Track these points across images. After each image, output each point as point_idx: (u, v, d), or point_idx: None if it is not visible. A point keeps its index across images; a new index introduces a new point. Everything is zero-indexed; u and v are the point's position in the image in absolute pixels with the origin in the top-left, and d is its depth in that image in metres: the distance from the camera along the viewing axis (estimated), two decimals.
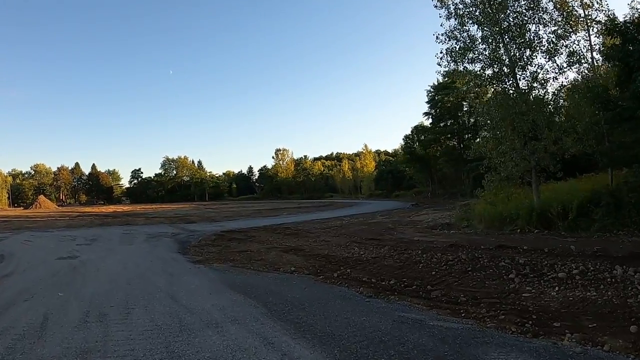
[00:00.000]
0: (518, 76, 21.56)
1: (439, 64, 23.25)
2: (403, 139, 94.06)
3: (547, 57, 20.86)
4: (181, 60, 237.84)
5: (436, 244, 16.07)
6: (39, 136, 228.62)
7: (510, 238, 16.64)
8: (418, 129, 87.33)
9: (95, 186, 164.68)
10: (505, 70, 21.68)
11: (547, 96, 21.53)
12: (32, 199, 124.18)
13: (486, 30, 21.76)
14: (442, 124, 78.16)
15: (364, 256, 14.83)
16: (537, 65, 21.13)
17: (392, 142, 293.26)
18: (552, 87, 21.55)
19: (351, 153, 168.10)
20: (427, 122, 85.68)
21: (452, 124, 77.17)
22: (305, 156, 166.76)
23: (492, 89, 23.61)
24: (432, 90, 78.64)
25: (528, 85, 21.43)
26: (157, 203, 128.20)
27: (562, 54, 20.82)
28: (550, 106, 21.59)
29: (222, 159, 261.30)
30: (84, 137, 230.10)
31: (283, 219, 39.69)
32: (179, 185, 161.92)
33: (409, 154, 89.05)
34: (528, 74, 21.38)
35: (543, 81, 21.20)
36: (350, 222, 32.14)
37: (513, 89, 21.82)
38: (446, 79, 74.39)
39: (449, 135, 78.87)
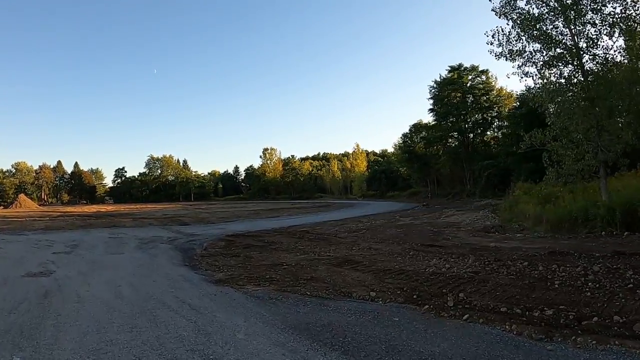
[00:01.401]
0: (587, 57, 19.07)
1: (490, 43, 20.36)
2: (401, 137, 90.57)
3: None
4: (166, 59, 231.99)
5: (525, 251, 13.19)
6: (21, 134, 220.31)
7: (609, 242, 14.46)
8: (417, 127, 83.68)
9: (78, 185, 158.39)
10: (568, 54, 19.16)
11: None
12: (12, 198, 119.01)
13: (550, 5, 19.12)
14: (447, 121, 74.39)
15: (454, 271, 10.90)
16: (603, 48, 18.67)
17: (380, 142, 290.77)
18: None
19: (338, 153, 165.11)
20: (427, 120, 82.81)
21: (458, 120, 73.30)
22: (292, 156, 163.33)
23: (554, 73, 20.05)
24: (435, 86, 74.90)
25: (599, 68, 18.80)
26: (141, 203, 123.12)
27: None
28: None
29: (207, 158, 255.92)
30: (66, 135, 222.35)
31: (288, 220, 35.83)
32: (163, 185, 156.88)
33: (407, 152, 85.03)
34: (599, 53, 18.77)
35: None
36: (373, 224, 28.39)
37: (580, 72, 19.22)
38: (451, 74, 70.75)
39: (455, 133, 74.85)
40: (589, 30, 18.38)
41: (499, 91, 71.82)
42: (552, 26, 19.02)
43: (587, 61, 18.88)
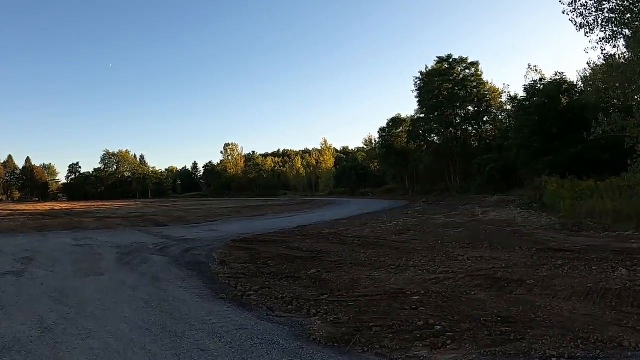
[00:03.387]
0: None
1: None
2: (378, 132, 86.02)
3: None
4: (121, 53, 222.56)
5: None
6: None
7: None
8: (396, 121, 78.79)
9: (29, 181, 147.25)
10: None
11: None
12: None
13: None
14: (435, 114, 69.14)
15: None
16: None
17: (343, 140, 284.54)
18: None
19: (299, 150, 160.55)
20: (407, 114, 78.28)
21: (446, 113, 68.40)
22: (253, 152, 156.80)
23: None
24: (422, 77, 69.77)
25: None
26: (96, 200, 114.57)
27: None
28: None
29: (165, 154, 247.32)
30: (17, 128, 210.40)
31: (283, 219, 30.76)
32: (119, 182, 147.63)
33: (385, 147, 79.90)
34: None
35: None
36: (408, 223, 23.51)
37: None
38: (439, 65, 66.01)
39: (443, 127, 69.79)
40: None
41: (487, 85, 67.58)
42: None
43: None
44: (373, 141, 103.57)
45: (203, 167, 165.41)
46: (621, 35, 17.31)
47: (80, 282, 10.49)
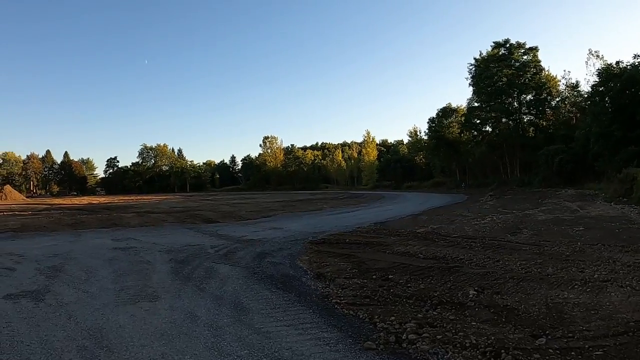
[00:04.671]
0: None
1: None
2: (427, 122, 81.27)
3: None
4: (158, 49, 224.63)
5: None
6: (8, 124, 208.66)
7: None
8: (446, 111, 74.29)
9: (67, 176, 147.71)
10: None
11: None
12: None
13: None
14: (494, 102, 64.23)
15: None
16: None
17: (383, 133, 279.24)
18: None
19: (337, 143, 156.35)
20: (457, 103, 73.57)
21: (505, 102, 63.61)
22: (292, 145, 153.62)
23: None
24: (477, 64, 64.97)
25: None
26: (134, 194, 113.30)
27: None
28: None
29: (202, 148, 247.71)
30: (56, 124, 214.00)
31: (348, 215, 27.12)
32: (157, 176, 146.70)
33: (435, 138, 75.37)
34: None
35: None
36: (500, 219, 20.17)
37: None
38: (496, 51, 61.19)
39: (502, 115, 64.97)
40: None
41: (545, 72, 62.67)
42: None
43: None
44: (418, 133, 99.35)
45: (241, 161, 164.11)
46: None
47: (126, 315, 6.88)
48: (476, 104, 67.82)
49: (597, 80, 44.53)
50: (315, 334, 5.85)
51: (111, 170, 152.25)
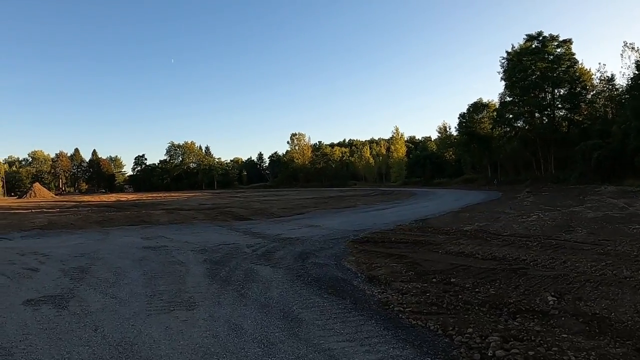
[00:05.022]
0: None
1: None
2: (458, 118, 79.42)
3: None
4: (184, 49, 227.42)
5: None
6: (37, 123, 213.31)
7: None
8: (477, 106, 72.56)
9: (96, 174, 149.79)
10: None
11: None
12: (28, 188, 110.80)
13: None
14: (527, 96, 62.10)
15: None
16: None
17: (410, 129, 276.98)
18: None
19: (364, 140, 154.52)
20: (488, 98, 71.68)
21: (539, 96, 61.71)
22: (319, 142, 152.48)
23: None
24: (508, 57, 63.10)
25: None
26: (162, 191, 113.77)
27: None
28: None
29: (229, 145, 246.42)
30: (84, 122, 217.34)
31: (384, 212, 25.95)
32: (185, 173, 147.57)
33: (466, 134, 73.68)
34: None
35: None
36: (549, 217, 18.68)
37: None
38: (529, 44, 59.22)
39: (536, 110, 62.97)
40: None
41: (579, 65, 60.62)
42: None
43: None
44: (448, 129, 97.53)
45: (268, 158, 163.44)
46: None
47: (160, 327, 5.93)
48: (509, 99, 65.72)
49: (636, 72, 42.70)
50: (385, 351, 4.89)
51: (139, 168, 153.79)
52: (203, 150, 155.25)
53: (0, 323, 6.17)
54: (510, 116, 65.18)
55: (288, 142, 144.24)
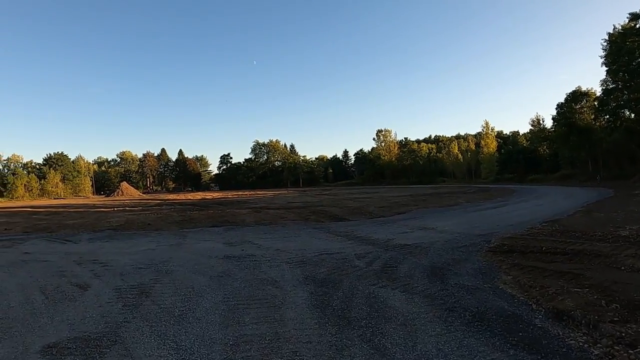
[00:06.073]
0: None
1: None
2: (556, 108, 73.51)
3: None
4: (266, 50, 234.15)
5: None
6: (125, 124, 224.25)
7: None
8: (576, 95, 66.87)
9: (182, 172, 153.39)
10: None
11: None
12: (116, 186, 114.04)
13: None
14: (632, 83, 55.02)
15: None
16: None
17: (497, 123, 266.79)
18: None
19: (450, 136, 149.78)
20: (587, 87, 65.22)
21: None
22: (405, 138, 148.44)
23: None
24: (610, 40, 56.40)
25: None
26: (247, 189, 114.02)
27: None
28: None
29: (314, 143, 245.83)
30: (170, 123, 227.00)
31: (494, 212, 21.96)
32: (270, 171, 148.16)
33: (565, 126, 67.99)
34: None
35: None
36: None
37: None
38: (636, 22, 52.40)
39: None
40: None
41: None
42: None
43: None
44: (541, 121, 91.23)
45: (354, 155, 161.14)
46: None
47: None
48: (612, 85, 58.95)
49: None
50: None
51: (225, 167, 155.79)
52: (288, 148, 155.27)
53: None
54: (614, 104, 58.55)
55: (374, 139, 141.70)
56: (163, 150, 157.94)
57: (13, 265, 10.51)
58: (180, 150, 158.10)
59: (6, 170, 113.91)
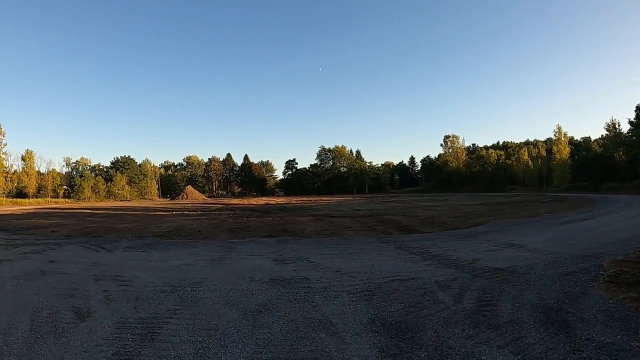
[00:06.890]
0: None
1: None
2: (635, 111, 68.53)
3: None
4: (331, 55, 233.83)
5: None
6: (191, 130, 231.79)
7: None
8: None
9: (247, 177, 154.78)
10: None
11: None
12: (181, 190, 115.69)
13: None
14: None
15: None
16: None
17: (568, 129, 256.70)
18: None
19: (519, 142, 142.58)
20: None
21: None
22: (473, 144, 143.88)
23: None
24: None
25: None
26: (312, 195, 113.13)
27: None
28: None
29: (380, 149, 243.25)
30: (236, 129, 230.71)
31: (584, 225, 18.49)
32: (336, 177, 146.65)
33: None
34: None
35: None
36: None
37: None
38: None
39: None
40: None
41: None
42: None
43: None
44: (617, 125, 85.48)
45: (420, 162, 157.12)
46: None
47: None
48: None
49: None
50: None
51: (290, 172, 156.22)
52: (354, 154, 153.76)
53: None
54: None
55: (441, 145, 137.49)
56: (229, 155, 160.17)
57: (26, 277, 9.12)
58: (246, 155, 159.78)
59: (74, 173, 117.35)
